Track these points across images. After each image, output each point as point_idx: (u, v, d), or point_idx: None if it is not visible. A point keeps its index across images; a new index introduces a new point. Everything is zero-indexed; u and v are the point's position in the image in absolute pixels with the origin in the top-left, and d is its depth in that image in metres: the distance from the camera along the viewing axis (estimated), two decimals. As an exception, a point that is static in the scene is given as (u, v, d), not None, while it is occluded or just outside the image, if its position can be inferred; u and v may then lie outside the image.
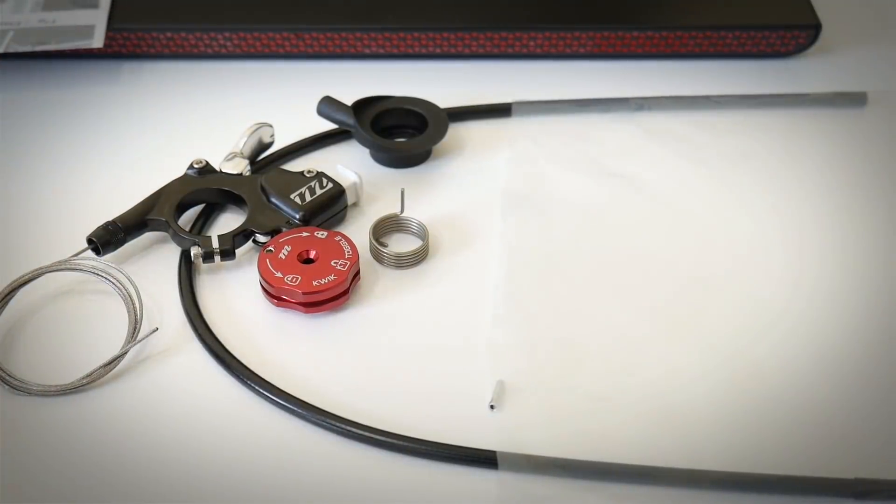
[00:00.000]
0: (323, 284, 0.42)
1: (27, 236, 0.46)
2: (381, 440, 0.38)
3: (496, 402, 0.39)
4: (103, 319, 0.42)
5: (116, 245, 0.44)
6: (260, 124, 0.48)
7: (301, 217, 0.45)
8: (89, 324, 0.42)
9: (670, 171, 0.50)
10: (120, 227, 0.44)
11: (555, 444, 0.38)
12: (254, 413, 0.39)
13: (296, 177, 0.46)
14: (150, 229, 0.45)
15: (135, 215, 0.45)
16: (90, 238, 0.44)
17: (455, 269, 0.45)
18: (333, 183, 0.46)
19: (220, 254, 0.44)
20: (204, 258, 0.44)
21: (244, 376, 0.40)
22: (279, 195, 0.45)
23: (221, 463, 0.38)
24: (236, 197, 0.46)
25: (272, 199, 0.46)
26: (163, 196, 0.46)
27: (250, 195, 0.46)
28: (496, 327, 0.42)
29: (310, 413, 0.39)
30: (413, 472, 0.38)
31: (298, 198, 0.45)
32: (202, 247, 0.44)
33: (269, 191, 0.46)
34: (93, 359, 0.40)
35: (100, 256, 0.44)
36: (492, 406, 0.39)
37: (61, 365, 0.41)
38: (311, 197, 0.45)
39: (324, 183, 0.46)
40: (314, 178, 0.46)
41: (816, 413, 0.39)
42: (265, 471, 0.37)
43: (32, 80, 0.55)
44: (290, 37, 0.55)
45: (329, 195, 0.46)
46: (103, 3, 0.55)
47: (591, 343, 0.42)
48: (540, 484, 0.37)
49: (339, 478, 0.37)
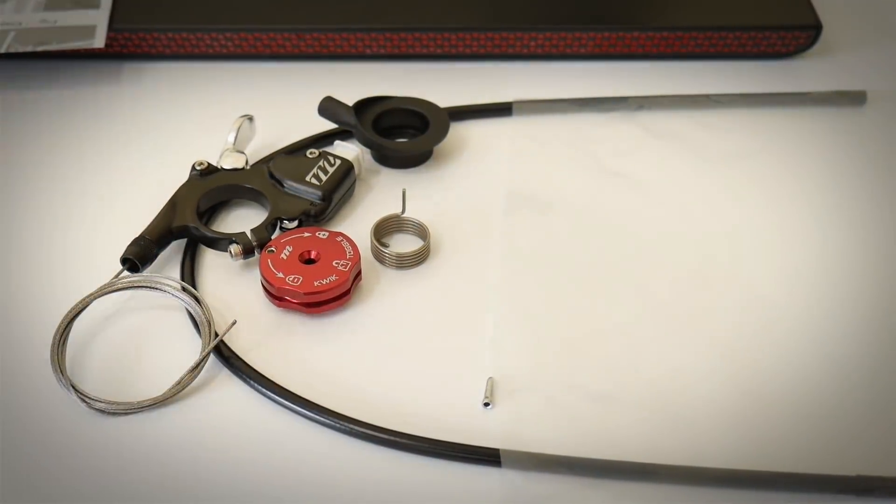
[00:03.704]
0: (324, 285, 0.42)
1: (29, 236, 0.46)
2: (384, 438, 0.38)
3: (489, 398, 0.39)
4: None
5: (152, 259, 0.44)
6: (243, 117, 0.49)
7: (322, 196, 0.45)
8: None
9: (670, 170, 0.50)
10: (151, 241, 0.43)
11: (557, 441, 0.38)
12: (256, 412, 0.39)
13: (301, 160, 0.47)
14: (175, 237, 0.45)
15: (161, 227, 0.44)
16: (125, 257, 0.43)
17: (456, 269, 0.45)
18: (340, 159, 0.47)
19: (258, 247, 0.44)
20: (245, 254, 0.44)
21: (248, 376, 0.40)
22: (294, 179, 0.46)
23: (224, 460, 0.38)
24: (249, 190, 0.46)
25: (287, 185, 0.46)
26: (178, 203, 0.45)
27: (264, 185, 0.46)
28: (498, 326, 0.42)
29: (313, 412, 0.39)
30: (417, 470, 0.38)
31: (314, 178, 0.46)
32: (240, 242, 0.44)
33: (281, 177, 0.46)
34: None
35: (139, 272, 0.43)
36: (486, 403, 0.39)
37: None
38: (326, 176, 0.46)
39: (331, 161, 0.46)
40: (320, 158, 0.47)
41: (818, 409, 0.39)
42: (267, 468, 0.37)
43: (34, 80, 0.55)
44: (290, 37, 0.55)
45: (341, 171, 0.46)
46: (104, 4, 0.55)
47: (593, 341, 0.42)
48: (543, 481, 0.37)
49: (342, 476, 0.37)
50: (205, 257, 0.45)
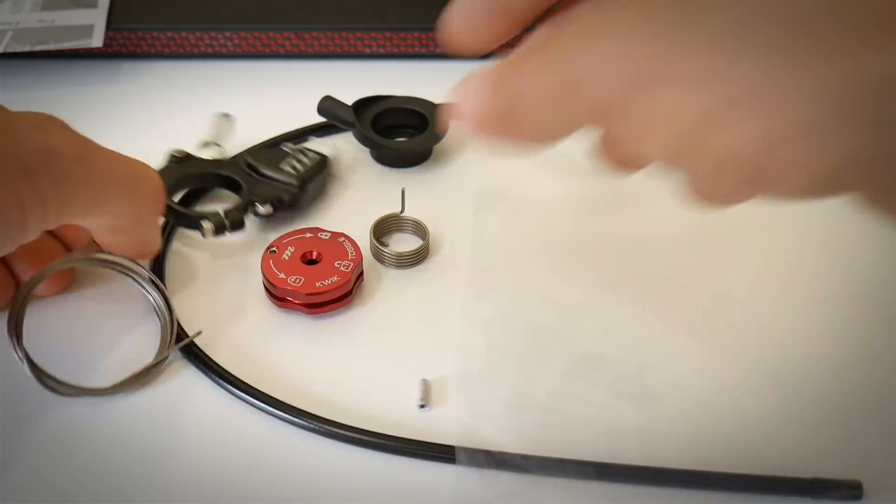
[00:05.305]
0: (326, 286, 0.42)
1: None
2: (335, 432, 0.38)
3: (425, 400, 0.39)
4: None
5: None
6: (222, 114, 0.49)
7: (298, 184, 0.46)
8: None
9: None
10: None
11: (514, 439, 0.37)
12: (240, 418, 0.39)
13: (278, 152, 0.47)
14: None
15: None
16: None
17: (455, 269, 0.45)
18: (317, 154, 0.48)
19: (230, 225, 0.44)
20: (216, 232, 0.44)
21: (217, 373, 0.40)
22: (270, 168, 0.46)
23: (216, 467, 0.37)
24: (224, 179, 0.47)
25: (264, 173, 0.46)
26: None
27: (240, 173, 0.47)
28: (464, 326, 0.42)
29: (277, 408, 0.39)
30: (367, 465, 0.37)
31: (290, 167, 0.46)
32: (213, 221, 0.44)
33: (258, 166, 0.47)
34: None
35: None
36: (422, 405, 0.39)
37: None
38: (302, 166, 0.47)
39: (308, 154, 0.47)
40: (297, 152, 0.47)
41: (774, 411, 0.39)
42: (267, 477, 0.37)
43: (31, 79, 0.55)
44: (290, 37, 0.55)
45: (317, 163, 0.47)
46: (102, 3, 0.55)
47: (557, 338, 0.41)
48: (498, 479, 0.36)
49: (342, 482, 0.37)
50: (205, 257, 0.45)
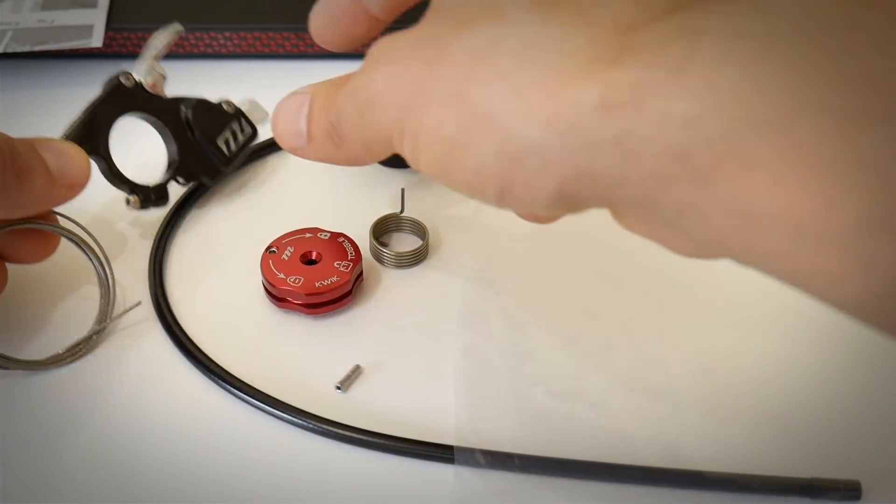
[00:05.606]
0: (325, 286, 0.42)
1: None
2: (337, 433, 0.38)
3: (343, 384, 0.39)
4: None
5: None
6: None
7: (225, 164, 0.47)
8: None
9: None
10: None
11: (513, 439, 0.37)
12: (240, 418, 0.39)
13: (219, 114, 0.48)
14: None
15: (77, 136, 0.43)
16: None
17: (455, 269, 0.45)
18: (251, 126, 0.48)
19: (155, 200, 0.45)
20: (142, 205, 0.45)
21: (212, 371, 0.40)
22: (206, 139, 0.47)
23: (216, 467, 0.38)
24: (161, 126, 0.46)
25: (199, 138, 0.47)
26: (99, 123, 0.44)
27: (175, 129, 0.46)
28: (463, 326, 0.42)
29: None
30: (368, 466, 0.37)
31: (224, 145, 0.47)
32: (140, 195, 0.45)
33: (195, 128, 0.47)
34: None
35: None
36: (338, 387, 0.39)
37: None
38: (235, 144, 0.48)
39: (243, 126, 0.48)
40: (234, 118, 0.48)
41: (770, 411, 0.39)
42: (266, 477, 0.37)
43: (31, 79, 0.55)
44: (290, 37, 0.55)
45: (247, 138, 0.48)
46: (102, 3, 0.55)
47: (554, 340, 0.41)
48: (496, 479, 0.37)
49: (341, 482, 0.37)
50: (205, 258, 0.45)
